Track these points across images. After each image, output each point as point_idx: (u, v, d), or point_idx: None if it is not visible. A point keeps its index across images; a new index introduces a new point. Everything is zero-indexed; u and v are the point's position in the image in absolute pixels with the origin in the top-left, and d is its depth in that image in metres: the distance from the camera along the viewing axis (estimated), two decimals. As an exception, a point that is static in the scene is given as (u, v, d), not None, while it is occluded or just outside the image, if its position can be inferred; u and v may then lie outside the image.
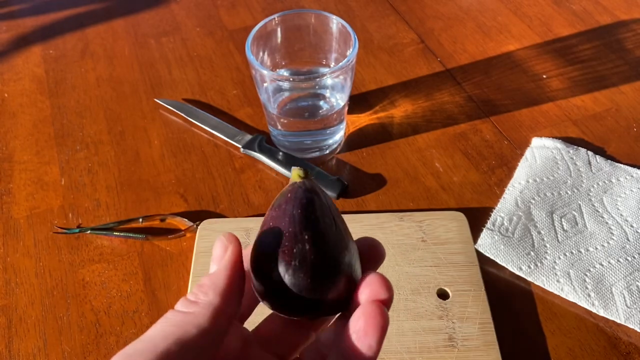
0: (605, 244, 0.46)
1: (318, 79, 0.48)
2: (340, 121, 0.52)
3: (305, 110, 0.53)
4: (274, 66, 0.52)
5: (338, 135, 0.54)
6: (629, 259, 0.45)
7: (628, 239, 0.46)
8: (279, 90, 0.52)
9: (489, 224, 0.47)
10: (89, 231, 0.48)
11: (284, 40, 0.51)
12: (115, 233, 0.48)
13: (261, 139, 0.54)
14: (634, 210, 0.48)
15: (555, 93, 0.59)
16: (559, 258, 0.45)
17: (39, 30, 0.70)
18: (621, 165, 0.51)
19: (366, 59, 0.64)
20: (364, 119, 0.57)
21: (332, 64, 0.52)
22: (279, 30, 0.50)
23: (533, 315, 0.43)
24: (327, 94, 0.52)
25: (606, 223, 0.47)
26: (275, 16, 0.49)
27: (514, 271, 0.44)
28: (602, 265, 0.44)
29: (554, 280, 0.44)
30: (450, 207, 0.49)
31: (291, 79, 0.50)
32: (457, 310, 0.42)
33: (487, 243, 0.46)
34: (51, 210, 0.51)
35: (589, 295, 0.43)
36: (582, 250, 0.45)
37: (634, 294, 0.42)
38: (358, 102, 0.59)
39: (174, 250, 0.47)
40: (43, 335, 0.43)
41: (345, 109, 0.52)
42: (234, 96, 0.60)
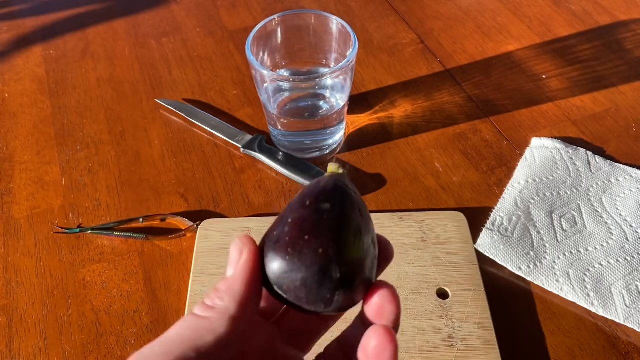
0: (605, 244, 0.46)
1: (318, 79, 0.48)
2: (340, 121, 0.52)
3: (305, 111, 0.53)
4: (274, 66, 0.52)
5: (338, 136, 0.54)
6: (628, 258, 0.45)
7: (627, 239, 0.46)
8: (279, 90, 0.52)
9: (488, 223, 0.47)
10: (89, 231, 0.48)
11: (284, 41, 0.51)
12: (116, 233, 0.48)
13: (261, 139, 0.54)
14: (633, 210, 0.48)
15: (555, 93, 0.59)
16: (559, 258, 0.45)
17: (39, 31, 0.70)
18: (620, 166, 0.51)
19: (366, 59, 0.64)
20: (363, 119, 0.57)
21: (332, 64, 0.52)
22: (279, 30, 0.51)
23: (532, 314, 0.43)
24: (327, 94, 0.53)
25: (605, 223, 0.47)
26: (276, 16, 0.49)
27: (514, 271, 0.45)
28: (602, 265, 0.44)
29: (554, 280, 0.44)
30: (450, 207, 0.49)
31: (291, 79, 0.50)
32: (457, 310, 0.42)
33: (487, 243, 0.46)
34: (52, 210, 0.51)
35: (588, 295, 0.43)
36: (582, 250, 0.45)
37: (633, 293, 0.43)
38: (358, 102, 0.59)
39: (175, 250, 0.47)
40: (44, 335, 0.43)
41: (345, 109, 0.52)
42: (234, 96, 0.60)
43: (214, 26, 0.69)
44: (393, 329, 0.22)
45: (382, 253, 0.24)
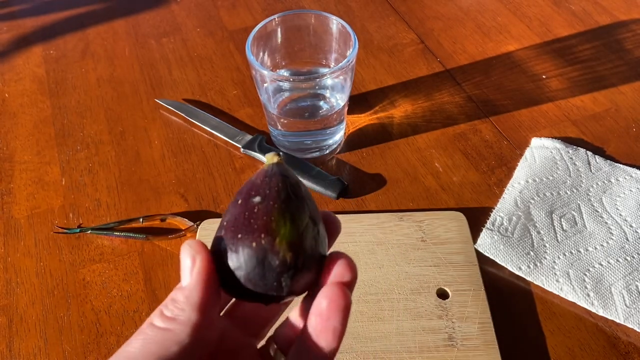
0: (605, 244, 0.46)
1: (318, 79, 0.48)
2: (340, 121, 0.52)
3: (305, 111, 0.53)
4: (274, 66, 0.52)
5: (338, 136, 0.54)
6: (628, 258, 0.45)
7: (627, 239, 0.46)
8: (279, 90, 0.52)
9: (488, 223, 0.47)
10: (89, 231, 0.48)
11: (284, 41, 0.51)
12: (116, 233, 0.48)
13: (261, 139, 0.54)
14: (633, 210, 0.48)
15: (555, 93, 0.59)
16: (558, 258, 0.45)
17: (39, 31, 0.70)
18: (620, 166, 0.51)
19: (366, 59, 0.64)
20: (363, 119, 0.57)
21: (332, 64, 0.52)
22: (279, 30, 0.51)
23: (532, 314, 0.43)
24: (327, 94, 0.53)
25: (605, 223, 0.47)
26: (276, 16, 0.49)
27: (514, 271, 0.45)
28: (602, 265, 0.44)
29: (553, 280, 0.44)
30: (449, 207, 0.49)
31: (291, 79, 0.50)
32: (457, 310, 0.42)
33: (487, 243, 0.46)
34: (52, 210, 0.51)
35: (588, 295, 0.43)
36: (582, 250, 0.45)
37: (633, 293, 0.43)
38: (358, 102, 0.59)
39: (175, 250, 0.47)
40: (44, 335, 0.43)
41: (345, 109, 0.52)
42: (234, 96, 0.60)
43: (214, 26, 0.69)
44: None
45: (330, 230, 0.25)
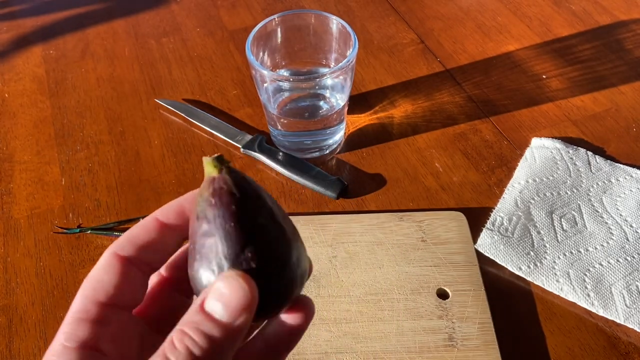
0: (605, 244, 0.46)
1: (318, 79, 0.48)
2: (340, 121, 0.52)
3: (305, 111, 0.53)
4: (274, 66, 0.52)
5: (338, 136, 0.54)
6: (629, 258, 0.45)
7: (627, 239, 0.46)
8: (279, 90, 0.52)
9: (488, 223, 0.47)
10: (89, 231, 0.48)
11: (284, 41, 0.51)
12: (116, 233, 0.48)
13: (261, 139, 0.54)
14: (633, 210, 0.48)
15: (555, 93, 0.59)
16: (559, 258, 0.45)
17: (39, 31, 0.70)
18: (620, 166, 0.51)
19: (366, 59, 0.64)
20: (363, 119, 0.57)
21: (332, 64, 0.52)
22: (279, 30, 0.50)
23: (532, 315, 0.43)
24: (327, 94, 0.52)
25: (605, 223, 0.47)
26: (276, 16, 0.49)
27: (514, 271, 0.45)
28: (602, 265, 0.44)
29: (554, 280, 0.44)
30: (450, 207, 0.49)
31: (291, 79, 0.50)
32: (457, 310, 0.42)
33: (487, 243, 0.46)
34: (52, 210, 0.51)
35: (589, 295, 0.43)
36: (582, 250, 0.45)
37: (633, 293, 0.43)
38: (358, 102, 0.59)
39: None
40: (43, 335, 0.43)
41: (345, 109, 0.52)
42: (234, 96, 0.60)
43: (214, 26, 0.69)
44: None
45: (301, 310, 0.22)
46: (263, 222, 0.20)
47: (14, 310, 0.44)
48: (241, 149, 0.54)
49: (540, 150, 0.53)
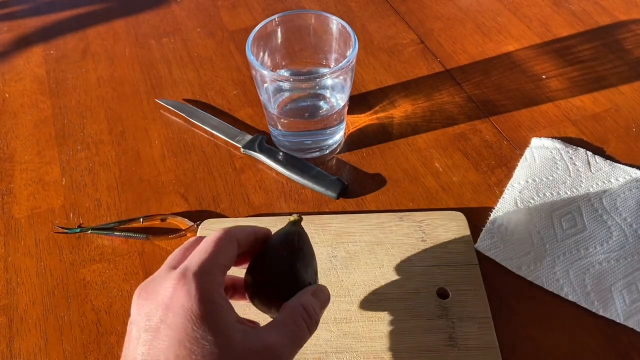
0: (605, 244, 0.46)
1: (318, 80, 0.48)
2: (340, 121, 0.52)
3: (306, 111, 0.53)
4: (274, 66, 0.52)
5: (338, 136, 0.54)
6: (628, 258, 0.45)
7: (627, 239, 0.46)
8: (279, 90, 0.52)
9: (488, 223, 0.47)
10: (89, 231, 0.48)
11: (284, 41, 0.51)
12: (116, 233, 0.48)
13: (261, 139, 0.54)
14: (633, 210, 0.48)
15: (555, 93, 0.59)
16: (559, 258, 0.45)
17: (40, 31, 0.70)
18: (620, 166, 0.51)
19: (366, 59, 0.64)
20: (363, 119, 0.58)
21: (332, 65, 0.52)
22: (279, 30, 0.51)
23: (532, 315, 0.43)
24: (327, 94, 0.53)
25: (605, 223, 0.47)
26: (276, 17, 0.49)
27: (514, 271, 0.45)
28: (602, 264, 0.44)
29: (554, 279, 0.44)
30: (449, 207, 0.50)
31: (291, 80, 0.50)
32: (457, 310, 0.42)
33: (487, 243, 0.46)
34: (52, 210, 0.51)
35: (588, 295, 0.43)
36: (582, 250, 0.45)
37: (633, 293, 0.43)
38: (358, 103, 0.59)
39: (175, 250, 0.47)
40: (44, 335, 0.43)
41: (345, 109, 0.52)
42: (234, 96, 0.61)
43: (214, 26, 0.69)
44: None
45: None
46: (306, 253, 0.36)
47: (15, 309, 0.44)
48: (241, 149, 0.54)
49: (540, 150, 0.53)
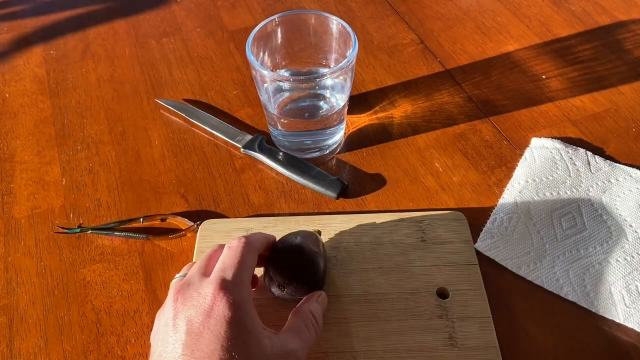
0: (604, 244, 0.46)
1: (318, 80, 0.48)
2: (340, 121, 0.52)
3: (306, 111, 0.53)
4: (274, 67, 0.53)
5: (338, 136, 0.54)
6: (628, 258, 0.45)
7: (627, 239, 0.46)
8: (279, 90, 0.52)
9: (488, 223, 0.47)
10: (89, 231, 0.48)
11: (284, 41, 0.51)
12: (116, 233, 0.48)
13: (261, 139, 0.54)
14: (632, 210, 0.48)
15: (555, 93, 0.59)
16: (558, 258, 0.45)
17: (40, 31, 0.70)
18: (620, 166, 0.51)
19: (366, 59, 0.64)
20: (363, 119, 0.58)
21: (332, 65, 0.52)
22: (279, 30, 0.51)
23: (532, 314, 0.43)
24: (327, 94, 0.53)
25: (605, 223, 0.47)
26: (276, 17, 0.49)
27: (514, 271, 0.45)
28: (601, 264, 0.44)
29: (553, 279, 0.44)
30: (449, 207, 0.50)
31: (291, 80, 0.50)
32: (457, 310, 0.42)
33: (487, 243, 0.46)
34: (52, 210, 0.51)
35: (588, 295, 0.43)
36: (581, 250, 0.45)
37: (632, 293, 0.43)
38: (358, 103, 0.59)
39: (175, 250, 0.47)
40: (44, 335, 0.43)
41: (345, 109, 0.52)
42: (234, 96, 0.61)
43: (214, 26, 0.69)
44: None
45: None
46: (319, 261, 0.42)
47: (15, 309, 0.44)
48: (241, 149, 0.54)
49: (540, 150, 0.53)
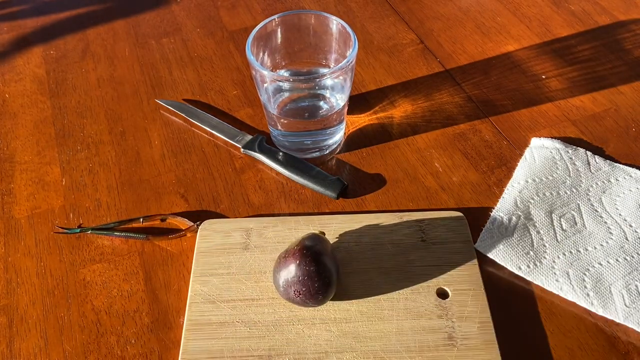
0: (604, 244, 0.46)
1: (318, 80, 0.48)
2: (340, 121, 0.52)
3: (305, 111, 0.53)
4: (274, 67, 0.53)
5: (338, 136, 0.54)
6: (628, 258, 0.45)
7: (627, 239, 0.46)
8: (279, 90, 0.52)
9: (488, 223, 0.47)
10: (89, 231, 0.48)
11: (284, 41, 0.51)
12: (116, 233, 0.48)
13: (261, 139, 0.54)
14: (632, 210, 0.48)
15: (554, 93, 0.60)
16: (558, 257, 0.45)
17: (39, 31, 0.70)
18: (620, 165, 0.51)
19: (366, 59, 0.64)
20: (363, 119, 0.58)
21: (332, 65, 0.52)
22: (279, 30, 0.51)
23: (532, 314, 0.43)
24: (327, 94, 0.53)
25: (605, 223, 0.47)
26: (276, 17, 0.49)
27: (513, 270, 0.45)
28: (601, 264, 0.44)
29: (553, 279, 0.44)
30: (449, 207, 0.50)
31: (291, 80, 0.50)
32: (457, 310, 0.42)
33: (487, 243, 0.46)
34: (52, 211, 0.51)
35: (588, 295, 0.43)
36: (581, 250, 0.45)
37: (632, 293, 0.43)
38: (358, 103, 0.59)
39: (175, 250, 0.47)
40: (44, 335, 0.43)
41: (345, 109, 0.52)
42: (234, 96, 0.61)
43: (214, 26, 0.69)
44: None
45: None
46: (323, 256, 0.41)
47: (15, 310, 0.44)
48: (241, 149, 0.54)
49: (540, 150, 0.53)
